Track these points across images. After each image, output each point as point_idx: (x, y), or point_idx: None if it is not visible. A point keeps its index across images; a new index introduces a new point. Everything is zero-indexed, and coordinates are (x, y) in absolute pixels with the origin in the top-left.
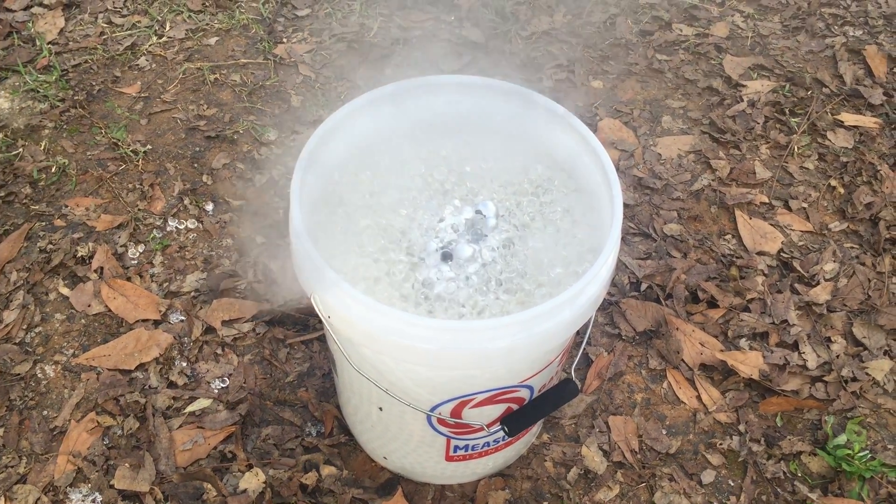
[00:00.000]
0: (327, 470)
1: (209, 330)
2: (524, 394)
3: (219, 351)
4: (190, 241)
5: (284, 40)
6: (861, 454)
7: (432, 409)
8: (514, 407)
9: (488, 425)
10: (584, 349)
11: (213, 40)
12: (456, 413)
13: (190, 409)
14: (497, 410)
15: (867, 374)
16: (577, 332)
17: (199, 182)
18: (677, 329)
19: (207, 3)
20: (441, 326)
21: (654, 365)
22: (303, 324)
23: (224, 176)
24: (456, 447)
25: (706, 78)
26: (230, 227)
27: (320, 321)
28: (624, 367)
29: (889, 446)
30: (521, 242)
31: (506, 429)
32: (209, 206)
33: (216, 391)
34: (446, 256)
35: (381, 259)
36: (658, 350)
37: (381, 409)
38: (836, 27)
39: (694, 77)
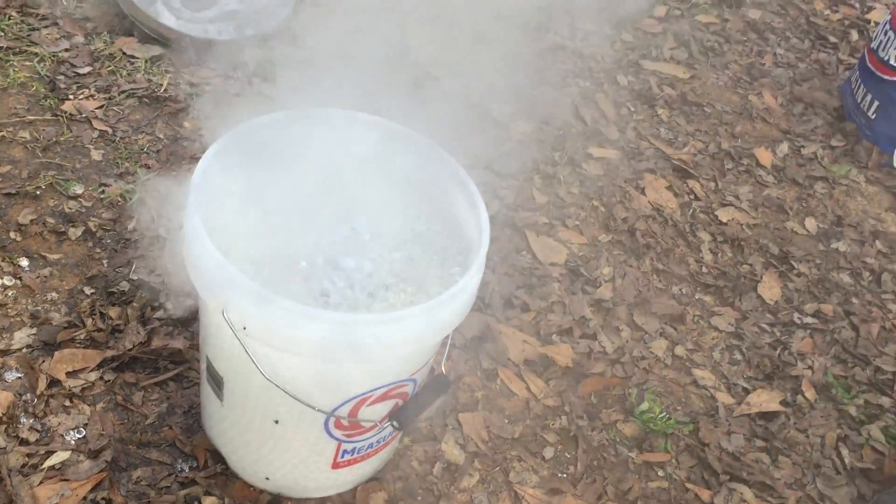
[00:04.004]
0: (209, 501)
1: (54, 383)
2: (409, 388)
3: (67, 403)
4: (10, 299)
5: (70, 97)
6: (661, 416)
7: (333, 411)
8: (401, 402)
9: (380, 422)
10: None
11: None
12: (353, 412)
13: (48, 463)
14: (386, 407)
15: (651, 352)
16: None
17: (8, 239)
18: (500, 332)
19: None
20: (364, 320)
21: (487, 365)
22: (153, 366)
23: (34, 231)
24: (344, 451)
25: (479, 122)
26: (52, 280)
27: (172, 362)
28: (462, 370)
29: (678, 408)
30: (399, 251)
31: (395, 423)
32: (24, 262)
33: (73, 442)
34: (334, 268)
35: (276, 276)
36: (488, 352)
37: (276, 422)
38: (569, 79)
39: (468, 121)
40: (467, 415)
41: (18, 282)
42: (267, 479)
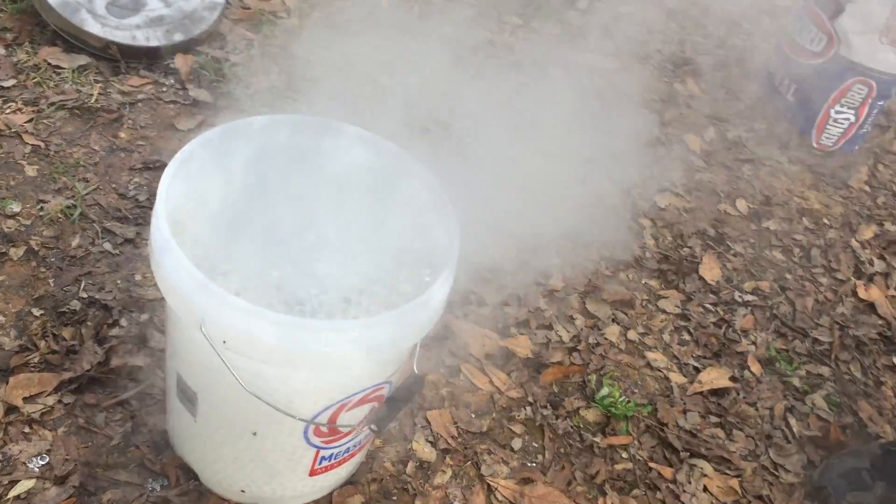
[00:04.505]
0: None
1: (11, 409)
2: (386, 390)
3: (27, 429)
4: None
5: None
6: (620, 400)
7: (314, 418)
8: (377, 405)
9: (358, 426)
10: None
11: None
12: (333, 419)
13: (13, 493)
14: (363, 411)
15: (605, 338)
16: None
17: None
18: (460, 329)
19: None
20: (344, 326)
21: (450, 362)
22: (113, 385)
23: None
24: (322, 458)
25: (420, 122)
26: None
27: (133, 379)
28: (426, 368)
29: (635, 391)
30: (369, 255)
31: (373, 427)
32: None
33: (37, 470)
34: (306, 276)
35: (247, 286)
36: (449, 349)
37: (254, 434)
38: (501, 73)
39: (410, 121)
40: (435, 412)
41: None
42: (242, 491)
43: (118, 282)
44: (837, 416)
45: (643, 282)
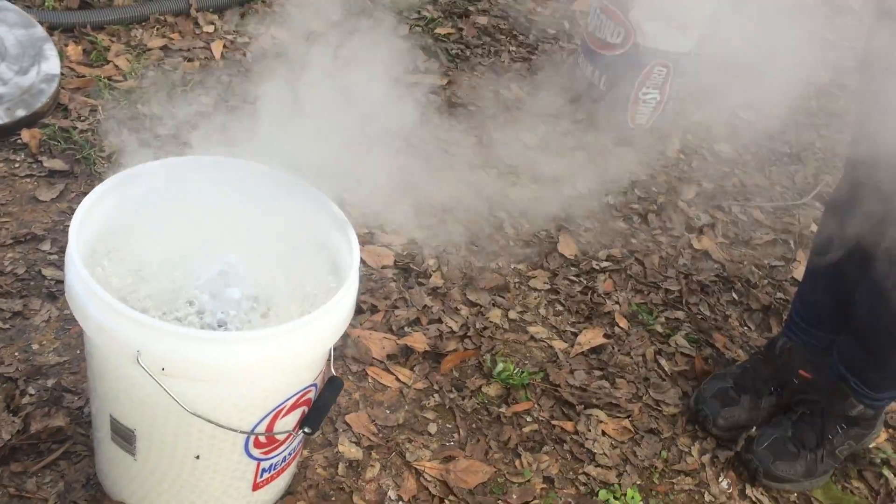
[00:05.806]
0: None
1: None
2: (312, 393)
3: None
4: None
5: None
6: (515, 372)
7: (253, 429)
8: (306, 409)
9: (293, 430)
10: None
11: None
12: (270, 427)
13: None
14: (295, 417)
15: (490, 321)
16: None
17: None
18: (359, 336)
19: None
20: (273, 333)
21: (356, 368)
22: (36, 451)
23: None
24: (263, 470)
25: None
26: None
27: (56, 441)
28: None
29: (526, 362)
30: (276, 272)
31: (307, 429)
32: None
33: None
34: (221, 301)
35: (170, 318)
36: (353, 356)
37: (197, 457)
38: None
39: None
40: (352, 415)
41: None
42: None
43: (16, 354)
44: (698, 350)
45: (512, 267)
